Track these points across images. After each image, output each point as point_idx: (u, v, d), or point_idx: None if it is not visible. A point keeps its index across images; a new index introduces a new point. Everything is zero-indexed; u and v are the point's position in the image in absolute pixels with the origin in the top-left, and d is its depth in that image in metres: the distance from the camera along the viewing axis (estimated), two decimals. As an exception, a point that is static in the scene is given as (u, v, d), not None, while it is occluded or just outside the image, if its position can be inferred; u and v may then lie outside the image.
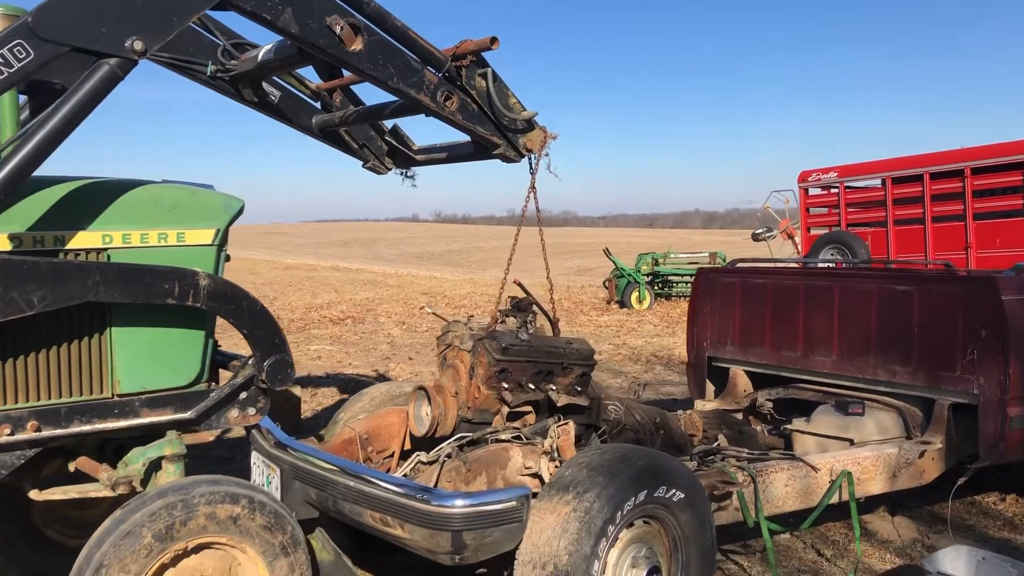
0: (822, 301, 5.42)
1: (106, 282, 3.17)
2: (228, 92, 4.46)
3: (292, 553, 3.22)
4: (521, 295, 4.47)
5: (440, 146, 4.75)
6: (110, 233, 3.36)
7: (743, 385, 5.94)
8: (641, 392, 4.67)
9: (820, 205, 13.24)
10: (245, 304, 3.54)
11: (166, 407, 3.49)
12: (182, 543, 3.06)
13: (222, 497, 3.12)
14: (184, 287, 3.35)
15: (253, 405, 3.73)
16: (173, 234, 3.52)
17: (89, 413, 3.32)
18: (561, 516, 3.18)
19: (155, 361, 3.48)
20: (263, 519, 3.17)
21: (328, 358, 11.58)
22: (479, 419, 3.98)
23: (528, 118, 4.03)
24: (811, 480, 4.37)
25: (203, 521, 3.07)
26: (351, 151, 4.92)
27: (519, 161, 4.18)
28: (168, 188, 3.65)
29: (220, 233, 3.63)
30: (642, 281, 19.19)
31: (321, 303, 19.90)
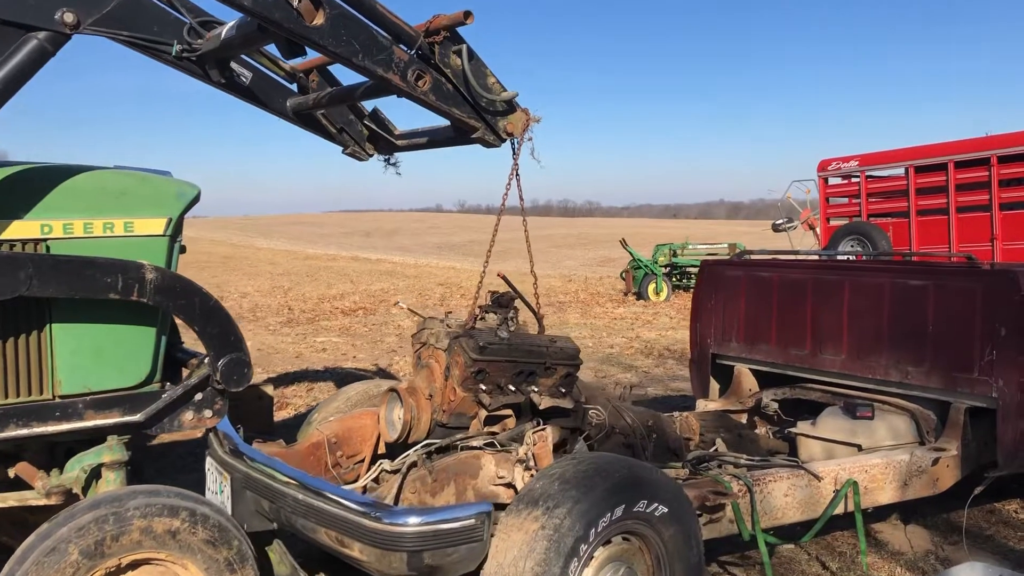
0: (831, 296, 5.09)
1: (40, 275, 2.95)
2: (196, 73, 4.20)
3: (239, 569, 2.98)
4: (504, 289, 4.18)
5: (421, 131, 4.48)
6: (50, 223, 3.13)
7: (748, 384, 5.63)
8: (627, 394, 4.37)
9: (840, 195, 12.85)
10: (197, 300, 3.31)
11: (113, 409, 3.26)
12: (114, 560, 2.82)
13: (159, 510, 2.88)
14: (128, 281, 3.11)
15: (210, 407, 3.49)
16: (120, 223, 3.28)
17: (27, 416, 3.10)
18: (528, 534, 2.91)
19: (100, 360, 3.25)
20: (206, 533, 2.93)
21: (333, 350, 11.38)
22: (455, 423, 3.71)
23: (508, 99, 3.74)
24: (814, 489, 4.06)
25: (137, 536, 2.83)
26: (329, 136, 4.65)
27: (499, 146, 3.89)
28: (116, 174, 3.41)
29: (172, 223, 3.39)
30: (659, 272, 18.85)
31: (335, 294, 19.75)
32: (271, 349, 11.59)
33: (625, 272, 20.32)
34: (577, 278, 26.38)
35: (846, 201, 12.78)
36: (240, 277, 25.07)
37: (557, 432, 3.82)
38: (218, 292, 20.06)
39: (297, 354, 11.14)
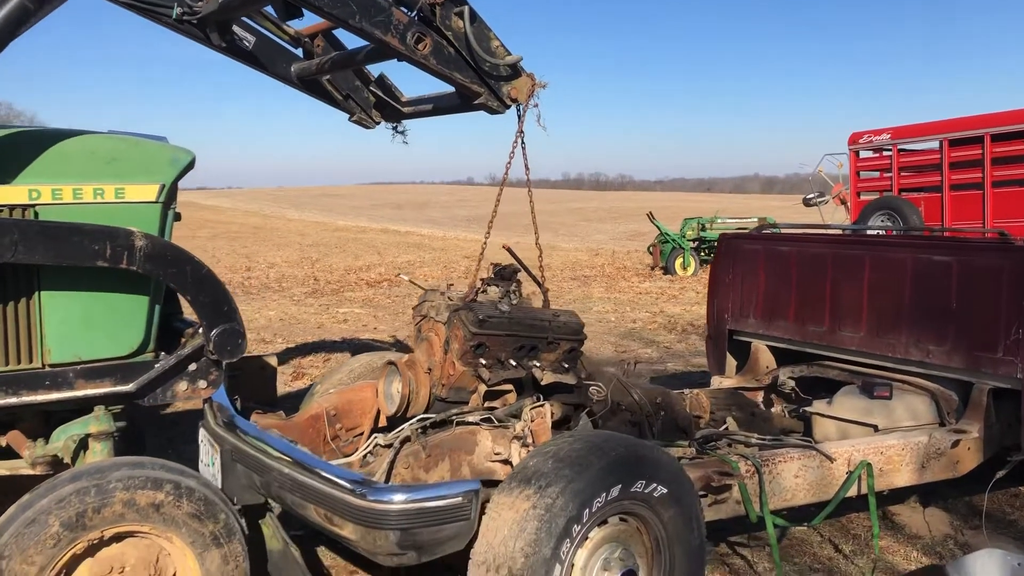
0: (851, 271, 4.92)
1: (26, 241, 2.89)
2: (197, 37, 4.12)
3: (226, 544, 2.92)
4: (508, 262, 4.07)
5: (427, 97, 4.37)
6: (38, 188, 3.07)
7: (765, 361, 5.49)
8: (631, 369, 4.25)
9: (871, 169, 12.54)
10: (188, 268, 3.24)
11: (104, 379, 3.21)
12: (96, 532, 2.77)
13: (143, 482, 2.82)
14: (117, 248, 3.05)
15: (204, 378, 3.43)
16: (111, 189, 3.21)
17: (16, 384, 3.06)
18: (519, 513, 2.81)
19: (90, 329, 3.20)
20: (191, 506, 2.87)
21: (355, 321, 11.36)
22: (455, 398, 3.62)
23: (512, 63, 3.62)
24: (826, 471, 3.93)
25: (120, 508, 2.78)
26: (335, 103, 4.56)
27: (503, 112, 3.78)
28: (107, 139, 3.33)
29: (165, 189, 3.31)
30: (687, 247, 18.62)
31: (361, 265, 19.76)
32: (293, 319, 11.60)
33: (652, 246, 20.10)
34: (604, 252, 26.18)
35: (877, 175, 12.47)
36: (269, 248, 25.18)
37: (559, 408, 3.72)
38: (247, 262, 20.20)
39: (319, 324, 11.13)
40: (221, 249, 24.31)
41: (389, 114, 4.56)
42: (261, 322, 11.28)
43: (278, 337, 9.96)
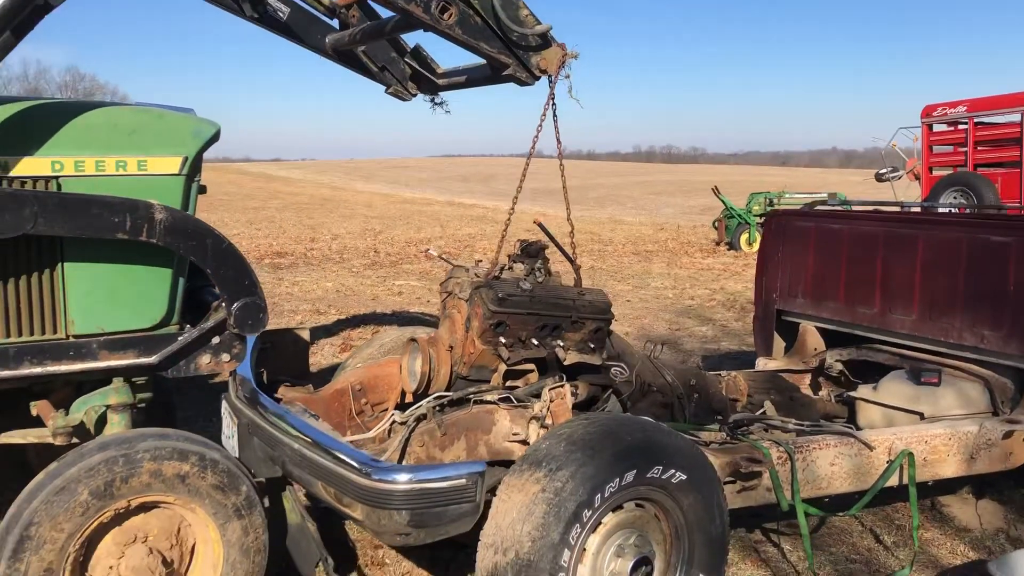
0: (904, 251, 4.70)
1: (45, 214, 2.91)
2: (231, 8, 4.10)
3: (247, 515, 2.95)
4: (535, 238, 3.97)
5: (461, 68, 4.28)
6: (61, 160, 3.09)
7: (813, 343, 5.30)
8: (658, 351, 4.13)
9: (945, 143, 12.03)
10: (209, 242, 3.23)
11: (127, 350, 3.24)
12: (123, 501, 2.81)
13: (169, 453, 2.85)
14: (136, 221, 3.05)
15: (227, 351, 3.44)
16: (133, 162, 3.21)
17: (41, 354, 3.10)
18: (528, 496, 2.75)
19: (114, 301, 3.22)
20: (215, 478, 2.89)
21: (409, 294, 11.40)
22: (476, 376, 3.56)
23: (542, 33, 3.50)
24: (864, 459, 3.78)
25: (147, 478, 2.82)
26: (371, 75, 4.50)
27: (533, 84, 3.66)
28: (130, 110, 3.34)
29: (188, 162, 3.30)
30: (753, 222, 18.20)
31: (422, 237, 19.85)
32: (349, 291, 11.70)
33: (718, 221, 19.72)
34: (670, 227, 25.81)
35: (951, 150, 11.97)
36: (335, 219, 25.47)
37: (585, 389, 3.64)
38: (311, 233, 20.47)
39: (373, 296, 11.20)
40: (288, 220, 24.69)
41: (425, 86, 4.49)
42: (318, 293, 11.41)
43: (332, 308, 10.05)
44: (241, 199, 33.88)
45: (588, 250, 18.20)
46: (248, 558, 2.97)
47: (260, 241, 18.41)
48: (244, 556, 2.96)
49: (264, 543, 3.03)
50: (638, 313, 10.53)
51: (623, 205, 39.57)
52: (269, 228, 21.83)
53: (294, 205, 31.64)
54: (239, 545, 2.96)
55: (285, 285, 12.08)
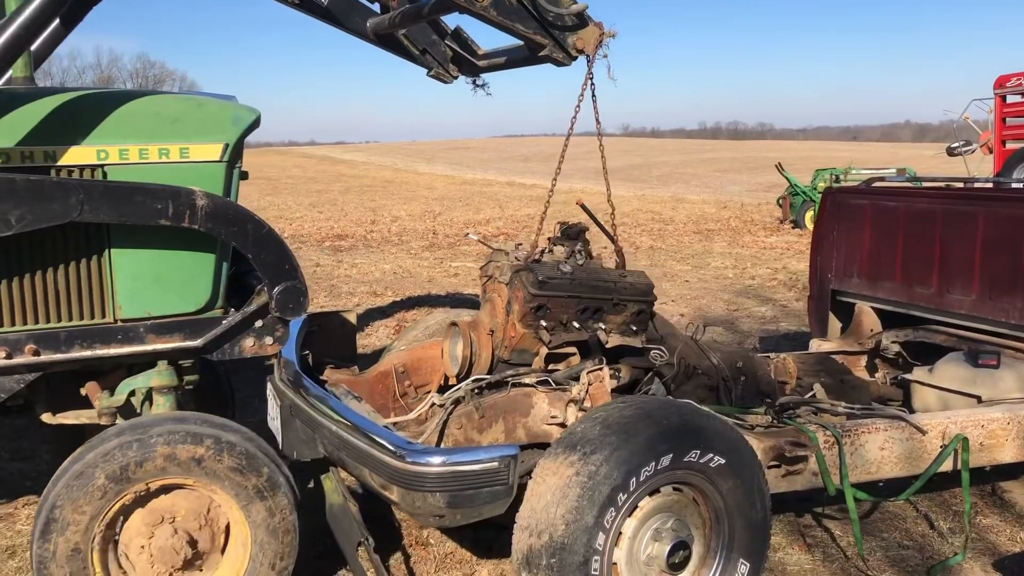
0: (963, 229, 4.55)
1: (91, 201, 2.97)
2: None
3: (270, 497, 2.97)
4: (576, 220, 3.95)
5: (501, 50, 4.26)
6: (106, 148, 3.14)
7: (869, 323, 5.17)
8: (700, 333, 4.05)
9: (1019, 115, 11.58)
10: (250, 227, 3.26)
11: (173, 334, 3.30)
12: (141, 484, 2.88)
13: (183, 437, 2.90)
14: (179, 207, 3.11)
15: (270, 334, 3.48)
16: (175, 149, 3.26)
17: (90, 338, 3.18)
18: (562, 479, 2.75)
19: (160, 285, 3.29)
20: (232, 460, 2.92)
21: (465, 276, 11.45)
22: (517, 360, 3.57)
23: (578, 12, 3.46)
24: (916, 443, 3.68)
25: (161, 462, 2.88)
26: (412, 58, 4.51)
27: (569, 64, 3.62)
28: (172, 99, 3.40)
29: (230, 148, 3.34)
30: (818, 200, 17.76)
31: (481, 219, 19.89)
32: (406, 272, 11.79)
33: (782, 199, 19.30)
34: (733, 204, 25.40)
35: (1027, 121, 11.52)
36: (396, 201, 25.68)
37: (628, 371, 3.62)
38: (372, 215, 20.67)
39: (429, 278, 11.28)
40: (351, 203, 24.97)
41: (466, 68, 4.48)
42: (376, 275, 11.53)
43: (389, 290, 10.15)
44: (305, 182, 34.39)
45: (648, 229, 18.03)
46: (276, 538, 3.00)
47: (322, 224, 18.66)
48: (272, 536, 2.99)
49: (292, 523, 3.04)
50: (696, 293, 10.41)
51: (687, 183, 39.06)
52: (331, 211, 22.12)
53: (356, 188, 31.99)
54: (265, 526, 2.98)
55: (344, 267, 12.23)
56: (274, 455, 3.05)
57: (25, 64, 3.48)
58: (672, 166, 50.13)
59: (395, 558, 3.73)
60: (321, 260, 12.94)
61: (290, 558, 3.05)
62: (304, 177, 37.33)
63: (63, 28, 3.90)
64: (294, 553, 3.05)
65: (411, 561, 3.71)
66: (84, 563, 2.88)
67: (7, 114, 2.99)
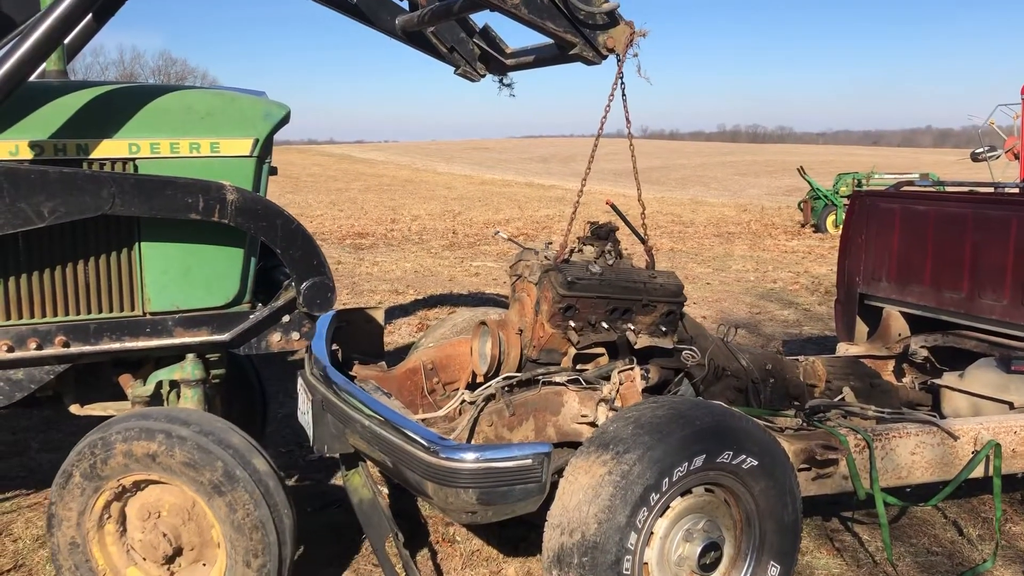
0: (994, 234, 4.51)
1: (122, 194, 3.00)
2: None
3: (228, 492, 2.86)
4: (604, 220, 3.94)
5: (529, 48, 4.25)
6: (137, 142, 3.17)
7: (898, 328, 5.14)
8: (733, 335, 4.03)
9: (1047, 120, 11.43)
10: (279, 222, 3.28)
11: (201, 328, 3.33)
12: (112, 482, 2.91)
13: (137, 433, 2.89)
14: (209, 202, 3.13)
15: (297, 329, 3.50)
16: (206, 144, 3.28)
17: (119, 331, 3.21)
18: (595, 478, 2.74)
19: (188, 280, 3.31)
20: (183, 455, 2.86)
21: (486, 275, 11.46)
22: (546, 359, 3.55)
23: (609, 11, 3.44)
24: (948, 449, 3.64)
25: (122, 459, 2.88)
26: (440, 56, 4.51)
27: (600, 63, 3.61)
28: (204, 94, 3.41)
29: (260, 144, 3.36)
30: (840, 204, 17.68)
31: (501, 219, 19.90)
32: (427, 271, 11.82)
33: (803, 202, 19.23)
34: (753, 208, 25.30)
35: (1054, 127, 11.37)
36: (416, 200, 25.74)
37: (657, 372, 3.60)
38: (392, 214, 20.73)
39: (451, 277, 11.30)
40: (370, 201, 25.05)
41: (494, 67, 4.47)
42: (397, 273, 11.56)
43: (410, 288, 10.17)
44: (325, 180, 34.53)
45: (668, 232, 17.99)
46: (243, 535, 2.87)
47: (343, 222, 18.73)
48: (238, 533, 2.88)
49: (259, 519, 2.88)
50: (718, 296, 10.37)
51: (707, 186, 38.94)
52: (351, 209, 22.19)
53: (377, 187, 32.08)
54: (229, 522, 2.89)
55: (365, 265, 12.27)
56: (240, 447, 2.95)
57: (59, 58, 3.51)
58: (691, 168, 49.99)
59: (422, 554, 3.74)
60: (342, 258, 12.99)
61: (265, 556, 2.88)
62: (324, 175, 37.48)
63: (95, 22, 3.92)
64: (270, 552, 2.89)
65: (438, 558, 3.72)
66: (85, 555, 2.95)
67: (41, 107, 3.02)
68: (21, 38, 2.74)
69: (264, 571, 2.89)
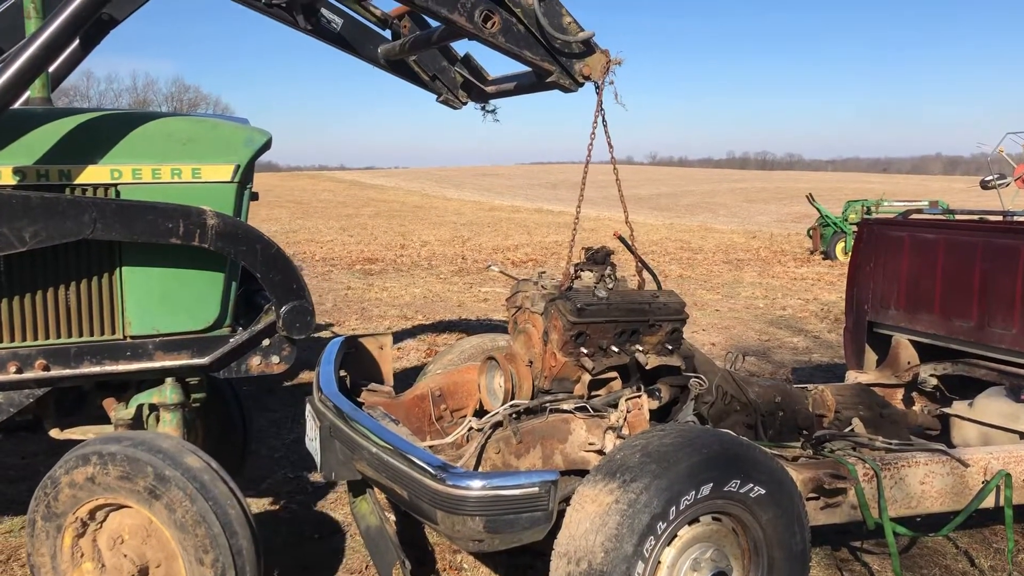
0: (1003, 262, 4.50)
1: (104, 219, 3.03)
2: (287, 20, 4.25)
3: (164, 493, 2.85)
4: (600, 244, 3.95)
5: (510, 76, 4.31)
6: (119, 168, 3.20)
7: (907, 356, 5.12)
8: (739, 364, 4.03)
9: (1056, 148, 11.45)
10: (259, 247, 3.30)
11: (181, 351, 3.34)
12: (69, 517, 2.93)
13: (75, 462, 2.92)
14: (189, 226, 3.15)
15: (277, 353, 3.51)
16: (187, 169, 3.31)
17: (100, 354, 3.23)
18: (602, 507, 2.74)
19: (168, 303, 3.33)
20: (116, 470, 2.87)
21: (495, 300, 11.47)
22: (559, 389, 3.54)
23: (584, 40, 3.49)
24: (957, 478, 3.62)
25: (68, 491, 2.91)
26: (423, 83, 4.58)
27: (576, 90, 3.66)
28: (185, 120, 3.45)
29: (240, 169, 3.38)
30: (849, 231, 17.69)
31: (509, 244, 19.96)
32: (436, 297, 11.84)
33: (812, 229, 19.24)
34: (762, 234, 25.31)
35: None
36: (425, 226, 25.84)
37: (668, 391, 3.61)
38: (401, 240, 20.81)
39: (459, 303, 11.32)
40: (380, 227, 25.16)
41: (476, 94, 4.54)
42: (406, 299, 11.59)
43: (419, 314, 10.19)
44: (336, 206, 34.72)
45: (677, 258, 18.00)
46: (188, 532, 2.85)
47: (352, 247, 18.80)
48: (183, 531, 2.86)
49: (198, 513, 2.85)
50: (727, 323, 10.36)
51: (715, 212, 39.04)
52: (361, 234, 22.29)
53: (386, 212, 32.24)
54: (172, 523, 2.88)
55: (375, 290, 12.31)
56: (169, 449, 2.95)
57: (43, 85, 3.55)
58: (700, 195, 50.12)
59: (428, 582, 3.72)
60: (352, 283, 13.03)
61: (215, 550, 2.85)
62: (334, 201, 37.69)
63: (81, 50, 3.98)
64: (217, 544, 2.85)
65: (444, 586, 3.70)
66: None
67: (25, 134, 3.05)
68: (5, 65, 2.78)
69: (218, 565, 2.85)
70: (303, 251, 17.74)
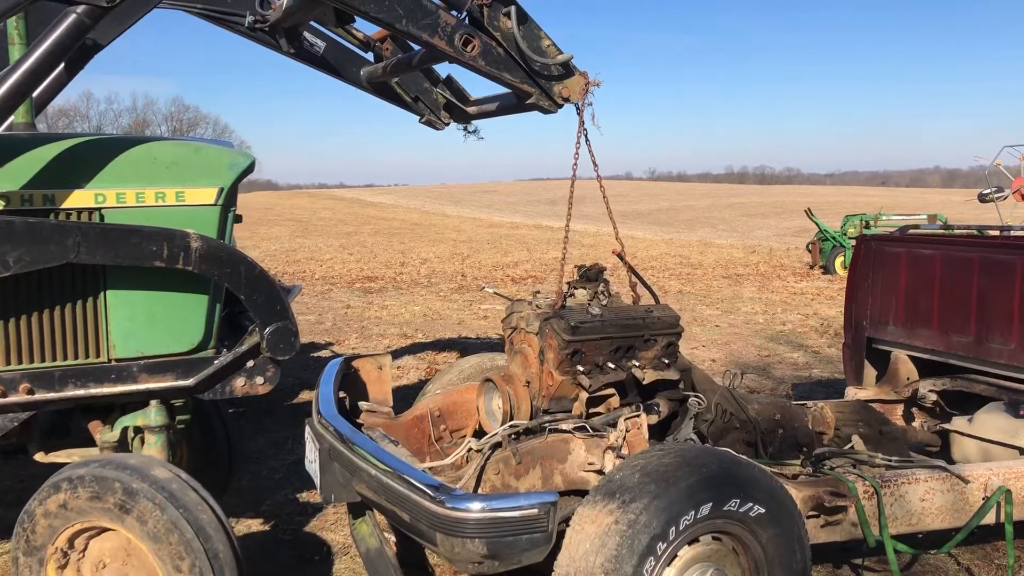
0: (1002, 277, 4.51)
1: (87, 243, 3.03)
2: (269, 44, 4.29)
3: (134, 506, 2.86)
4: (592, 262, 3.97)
5: (491, 97, 4.36)
6: (103, 192, 3.21)
7: (906, 372, 5.12)
8: (738, 382, 4.04)
9: (1053, 161, 11.49)
10: (242, 268, 3.31)
11: (166, 373, 3.35)
12: (49, 548, 2.93)
13: (48, 492, 2.92)
14: (173, 249, 3.16)
15: (261, 374, 3.50)
16: (172, 193, 3.32)
17: (84, 377, 3.23)
18: (601, 527, 2.73)
19: (153, 326, 3.33)
20: (86, 491, 2.88)
21: (495, 318, 11.47)
22: (557, 408, 3.56)
23: (563, 62, 3.53)
24: (958, 495, 3.62)
25: (43, 522, 2.92)
26: (405, 105, 4.62)
27: (555, 111, 3.70)
28: (169, 144, 3.47)
29: (224, 192, 3.40)
30: (848, 245, 17.70)
31: (509, 261, 19.98)
32: (436, 315, 11.85)
33: (811, 244, 19.26)
34: (761, 249, 25.34)
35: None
36: (425, 244, 25.88)
37: (667, 406, 3.62)
38: (401, 257, 20.84)
39: (459, 320, 11.32)
40: (379, 245, 25.20)
41: (458, 115, 4.58)
42: (406, 317, 11.59)
43: (419, 332, 10.19)
44: (335, 224, 34.79)
45: (676, 273, 18.02)
46: (162, 541, 2.84)
47: (352, 265, 18.83)
48: (157, 541, 2.85)
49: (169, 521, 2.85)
50: (727, 338, 10.36)
51: (714, 227, 39.07)
52: (361, 252, 22.33)
53: (385, 230, 32.30)
54: (145, 535, 2.88)
55: (374, 309, 12.32)
56: (137, 465, 2.95)
57: (27, 110, 3.57)
58: (699, 210, 50.18)
59: (429, 604, 3.71)
60: (352, 301, 13.04)
61: (191, 556, 2.83)
62: (334, 219, 37.77)
63: (66, 74, 4.00)
64: (191, 550, 2.84)
65: (445, 607, 3.69)
66: None
67: (8, 159, 3.07)
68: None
69: (195, 570, 2.84)
70: (303, 270, 17.76)
